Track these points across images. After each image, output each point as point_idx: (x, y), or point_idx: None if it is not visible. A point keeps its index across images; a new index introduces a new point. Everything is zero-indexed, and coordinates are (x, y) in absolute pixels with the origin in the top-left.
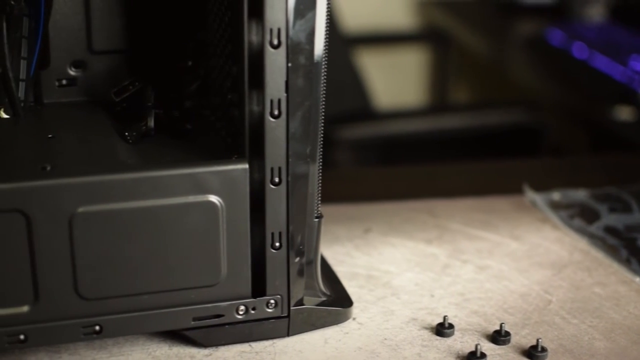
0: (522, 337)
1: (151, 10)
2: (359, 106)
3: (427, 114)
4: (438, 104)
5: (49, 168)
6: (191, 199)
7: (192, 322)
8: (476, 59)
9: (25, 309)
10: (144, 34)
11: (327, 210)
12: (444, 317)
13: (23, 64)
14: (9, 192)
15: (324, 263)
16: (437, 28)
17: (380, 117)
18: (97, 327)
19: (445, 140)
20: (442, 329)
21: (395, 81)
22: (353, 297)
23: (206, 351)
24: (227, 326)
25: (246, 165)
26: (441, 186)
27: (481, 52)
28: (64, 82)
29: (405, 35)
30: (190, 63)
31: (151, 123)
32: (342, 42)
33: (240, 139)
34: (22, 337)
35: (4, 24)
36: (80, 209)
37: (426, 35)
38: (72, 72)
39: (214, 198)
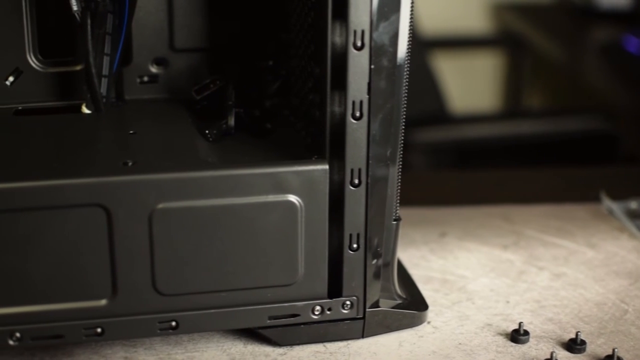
0: (598, 347)
1: (233, 10)
2: (433, 109)
3: (501, 118)
4: (512, 108)
5: (130, 164)
6: (271, 198)
7: (268, 321)
8: (551, 64)
9: (103, 302)
10: (225, 32)
11: (402, 213)
12: (519, 324)
13: (106, 60)
14: (91, 187)
15: (400, 266)
16: (512, 32)
17: (454, 120)
18: (174, 323)
19: (519, 146)
20: (517, 336)
21: (470, 85)
22: (428, 301)
23: (281, 350)
24: (302, 326)
25: (326, 166)
26: (516, 192)
27: (556, 57)
28: (146, 79)
29: (480, 40)
30: (271, 63)
31: (231, 122)
32: (417, 44)
33: (321, 140)
34: (99, 330)
35: (89, 20)
36: (161, 205)
37: (501, 40)
38: (153, 69)
39: (293, 198)
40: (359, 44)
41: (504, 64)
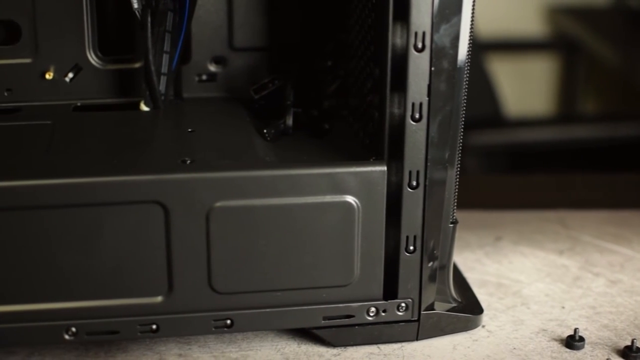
0: None
1: (292, 10)
2: (487, 112)
3: (555, 122)
4: (567, 112)
5: (189, 161)
6: (328, 198)
7: (323, 321)
8: (606, 68)
9: (159, 299)
10: (284, 32)
11: (457, 216)
12: (575, 330)
13: (165, 58)
14: (150, 184)
15: (455, 269)
16: (567, 36)
17: (508, 124)
18: (229, 321)
19: (573, 150)
20: (573, 342)
21: (524, 88)
22: (482, 305)
23: (334, 351)
24: (356, 327)
25: (384, 167)
26: (572, 197)
27: (611, 61)
28: (204, 77)
29: (535, 43)
30: (330, 63)
31: (290, 121)
32: (473, 47)
33: (379, 141)
34: (154, 326)
35: (149, 18)
36: (218, 204)
37: (556, 43)
38: (212, 68)
39: (350, 199)
40: (419, 45)
41: (558, 68)
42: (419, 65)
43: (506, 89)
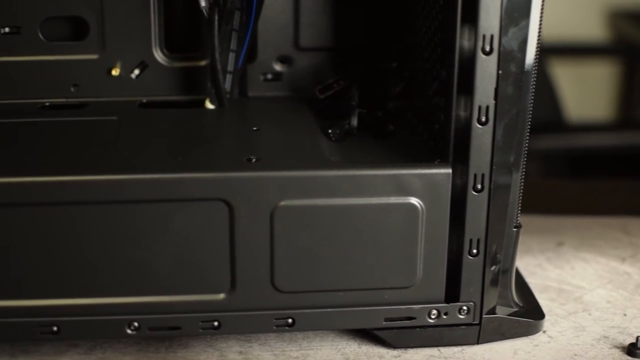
0: None
1: (359, 10)
2: (548, 117)
3: (616, 128)
4: (628, 118)
5: (254, 160)
6: (392, 200)
7: (384, 323)
8: None
9: (221, 296)
10: (350, 33)
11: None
12: (637, 338)
13: (231, 56)
14: (215, 181)
15: (517, 273)
16: (628, 41)
17: (569, 129)
18: (290, 320)
19: (633, 156)
20: (635, 350)
21: (585, 93)
22: (544, 310)
23: (395, 352)
24: (417, 329)
25: (449, 170)
26: (634, 203)
27: None
28: (269, 76)
29: (596, 47)
30: (395, 64)
31: (354, 122)
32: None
33: (444, 143)
34: (215, 323)
35: (216, 17)
36: (283, 203)
37: (617, 48)
38: (277, 67)
39: (414, 200)
40: (487, 48)
41: (619, 73)
42: (487, 68)
43: (567, 93)
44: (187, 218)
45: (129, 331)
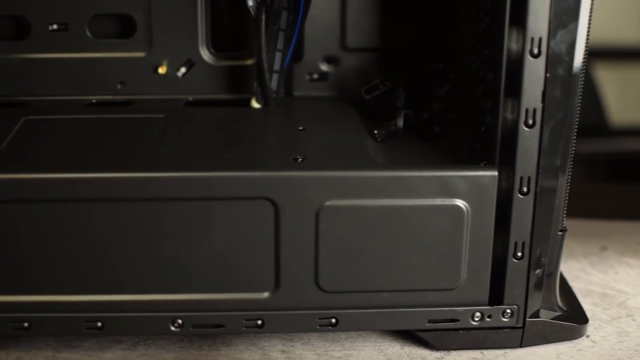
0: None
1: (405, 11)
2: (592, 120)
3: None
4: None
5: (300, 159)
6: (438, 201)
7: (427, 324)
8: None
9: (265, 295)
10: (396, 34)
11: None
12: None
13: (278, 56)
14: (261, 180)
15: (561, 277)
16: None
17: (613, 133)
18: (334, 320)
19: None
20: None
21: (629, 97)
22: (587, 315)
23: (437, 354)
24: (461, 331)
25: (495, 173)
26: None
27: None
28: (315, 76)
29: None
30: (441, 66)
31: (400, 123)
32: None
33: (490, 146)
34: (259, 322)
35: (263, 16)
36: (329, 203)
37: None
38: (323, 67)
39: (460, 202)
40: (535, 51)
41: None
42: (534, 71)
43: (610, 96)
44: (232, 216)
45: (172, 328)
